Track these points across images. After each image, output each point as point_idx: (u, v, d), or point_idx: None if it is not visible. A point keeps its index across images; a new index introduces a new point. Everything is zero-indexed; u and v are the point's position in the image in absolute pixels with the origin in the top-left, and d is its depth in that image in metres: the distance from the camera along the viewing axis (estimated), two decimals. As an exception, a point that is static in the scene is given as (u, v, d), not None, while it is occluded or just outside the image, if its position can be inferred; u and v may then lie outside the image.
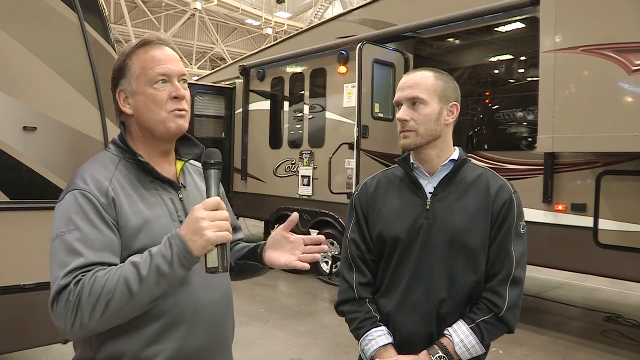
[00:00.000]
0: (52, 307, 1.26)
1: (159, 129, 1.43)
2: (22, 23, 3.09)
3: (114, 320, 1.26)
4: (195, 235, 1.24)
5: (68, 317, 1.23)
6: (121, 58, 1.46)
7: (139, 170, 1.44)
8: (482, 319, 1.67)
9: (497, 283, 1.69)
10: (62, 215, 1.33)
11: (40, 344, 3.34)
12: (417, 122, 1.71)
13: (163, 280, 1.24)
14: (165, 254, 1.24)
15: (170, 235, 1.28)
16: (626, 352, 4.97)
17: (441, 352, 1.65)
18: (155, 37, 1.46)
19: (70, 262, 1.26)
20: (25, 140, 3.04)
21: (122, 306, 1.23)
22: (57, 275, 1.26)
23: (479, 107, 7.86)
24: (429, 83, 1.73)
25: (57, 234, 1.31)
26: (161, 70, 1.41)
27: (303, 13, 31.13)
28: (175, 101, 1.42)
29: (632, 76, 4.14)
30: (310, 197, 7.73)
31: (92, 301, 1.22)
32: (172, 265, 1.24)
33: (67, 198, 1.35)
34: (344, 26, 7.59)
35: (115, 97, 1.48)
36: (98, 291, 1.22)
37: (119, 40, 24.44)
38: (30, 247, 3.07)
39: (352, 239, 1.86)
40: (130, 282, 1.22)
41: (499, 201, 1.71)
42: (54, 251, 1.31)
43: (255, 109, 9.06)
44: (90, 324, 1.23)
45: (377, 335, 1.74)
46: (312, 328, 5.54)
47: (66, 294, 1.23)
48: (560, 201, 5.09)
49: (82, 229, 1.30)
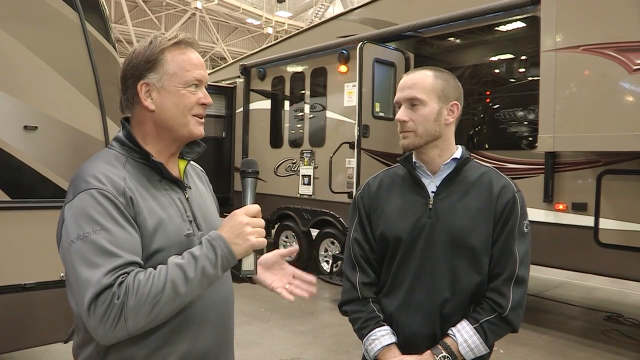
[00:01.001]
0: (89, 309, 1.19)
1: (181, 131, 1.43)
2: (23, 22, 3.09)
3: (154, 322, 1.25)
4: (238, 238, 1.31)
5: (110, 319, 1.19)
6: (150, 50, 1.40)
7: (146, 169, 1.41)
8: (486, 318, 1.67)
9: (500, 283, 1.68)
10: (81, 215, 1.26)
11: (41, 343, 3.35)
12: (415, 122, 1.71)
13: (205, 281, 1.28)
14: (210, 256, 1.28)
15: (211, 237, 1.31)
16: (627, 351, 4.97)
17: (445, 352, 1.65)
18: (190, 38, 1.44)
19: (104, 263, 1.22)
20: (26, 139, 3.04)
21: (167, 307, 1.24)
22: (91, 276, 1.20)
23: (480, 106, 7.85)
24: (427, 82, 1.71)
25: (78, 235, 1.24)
26: (197, 75, 1.42)
27: (303, 12, 31.11)
28: (202, 107, 1.44)
29: (632, 75, 4.14)
30: (310, 196, 7.73)
31: (140, 303, 1.20)
32: (216, 267, 1.28)
33: (83, 197, 1.28)
34: (344, 25, 7.59)
35: (134, 88, 1.41)
36: (145, 293, 1.21)
37: (119, 39, 24.43)
38: (31, 246, 3.08)
39: (354, 238, 1.86)
40: (177, 284, 1.24)
41: (502, 200, 1.70)
42: (77, 252, 1.24)
43: (255, 108, 9.05)
44: (132, 325, 1.21)
45: (380, 334, 1.73)
46: (312, 327, 5.55)
47: (109, 295, 1.19)
48: (560, 200, 5.09)
49: (110, 229, 1.25)
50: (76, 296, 1.25)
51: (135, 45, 1.45)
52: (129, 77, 1.42)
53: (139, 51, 1.41)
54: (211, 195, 1.67)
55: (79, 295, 1.23)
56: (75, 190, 1.31)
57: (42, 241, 3.11)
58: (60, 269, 3.29)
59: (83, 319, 1.24)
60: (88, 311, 1.20)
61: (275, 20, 29.05)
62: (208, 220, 1.51)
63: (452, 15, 5.98)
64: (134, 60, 1.41)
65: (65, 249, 1.28)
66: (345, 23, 7.62)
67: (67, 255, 1.27)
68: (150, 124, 1.43)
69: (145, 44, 1.41)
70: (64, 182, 3.16)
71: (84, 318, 1.22)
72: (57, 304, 3.15)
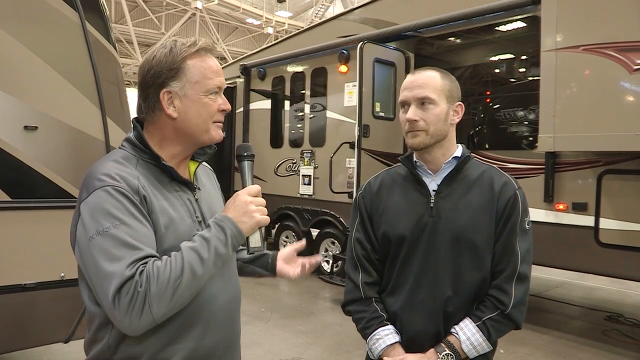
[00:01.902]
0: (114, 301, 1.21)
1: (203, 137, 1.46)
2: (23, 22, 3.09)
3: (177, 306, 1.29)
4: (244, 216, 1.38)
5: (136, 308, 1.22)
6: (172, 57, 1.40)
7: (157, 170, 1.43)
8: (489, 316, 1.67)
9: (502, 280, 1.69)
10: (98, 211, 1.28)
11: (41, 343, 3.35)
12: (427, 121, 1.71)
13: (219, 261, 1.34)
14: (220, 236, 1.34)
15: (218, 219, 1.37)
16: (627, 351, 4.97)
17: (448, 349, 1.66)
18: (209, 44, 1.46)
19: (126, 255, 1.24)
20: (26, 139, 3.04)
21: (187, 290, 1.28)
22: (114, 269, 1.22)
23: (480, 106, 7.86)
24: (437, 83, 1.73)
25: (97, 230, 1.26)
26: (218, 83, 1.45)
27: (304, 12, 31.11)
28: (222, 113, 1.47)
29: (633, 75, 4.14)
30: (311, 196, 7.73)
31: (161, 288, 1.24)
32: (227, 246, 1.35)
33: (99, 194, 1.29)
34: (344, 25, 7.59)
35: (156, 96, 1.42)
36: (166, 278, 1.24)
37: (119, 39, 24.43)
38: (31, 246, 3.08)
39: (356, 238, 1.86)
40: (194, 266, 1.28)
41: (503, 197, 1.71)
42: (97, 247, 1.25)
43: (256, 108, 9.05)
44: (157, 311, 1.24)
45: (384, 334, 1.74)
46: (312, 327, 5.54)
47: (132, 285, 1.22)
48: (561, 200, 5.09)
49: (129, 223, 1.28)
50: (98, 291, 1.27)
51: (153, 51, 1.44)
52: (150, 85, 1.42)
53: (159, 58, 1.41)
54: (220, 195, 1.70)
55: (101, 289, 1.24)
56: (90, 189, 1.32)
57: (42, 241, 3.12)
58: (60, 269, 3.30)
59: (108, 312, 1.26)
60: (113, 303, 1.22)
61: (275, 20, 29.03)
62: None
63: (452, 15, 5.98)
64: (155, 67, 1.41)
65: (83, 246, 1.29)
66: (346, 23, 7.62)
67: (85, 251, 1.28)
68: (171, 129, 1.44)
69: (165, 51, 1.41)
70: (65, 182, 3.16)
71: (109, 311, 1.25)
72: (57, 304, 3.16)
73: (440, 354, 1.66)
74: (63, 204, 3.14)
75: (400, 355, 1.71)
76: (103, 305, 1.26)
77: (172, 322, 1.35)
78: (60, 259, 3.11)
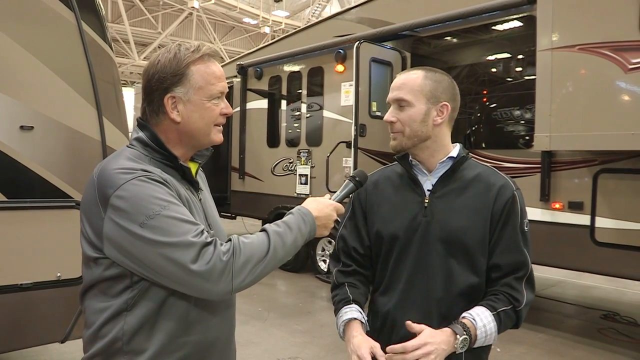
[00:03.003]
0: (192, 269, 1.25)
1: (204, 139, 1.51)
2: (19, 22, 3.08)
3: (252, 283, 1.38)
4: (323, 228, 1.55)
5: (216, 275, 1.28)
6: (176, 63, 1.43)
7: (169, 169, 1.46)
8: (503, 308, 1.64)
9: (514, 280, 1.67)
10: (140, 198, 1.29)
11: (37, 343, 3.34)
12: (402, 123, 1.71)
13: (293, 250, 1.46)
14: (302, 229, 1.47)
15: (304, 213, 1.51)
16: (623, 349, 4.99)
17: (466, 333, 1.58)
18: (212, 50, 1.52)
19: (190, 228, 1.29)
20: (22, 139, 3.03)
21: (266, 269, 1.39)
22: (181, 240, 1.26)
23: (477, 106, 7.86)
24: (415, 83, 1.71)
25: (147, 215, 1.27)
26: (221, 88, 1.49)
27: (300, 11, 31.08)
28: (223, 117, 1.51)
29: (628, 74, 4.15)
30: (307, 195, 7.73)
31: (246, 263, 1.33)
32: (303, 239, 1.48)
33: (135, 183, 1.31)
34: (341, 25, 7.59)
35: (160, 100, 1.45)
36: (252, 255, 1.34)
37: (116, 39, 24.38)
38: (28, 246, 3.07)
39: (341, 234, 1.90)
40: (277, 249, 1.40)
41: (501, 200, 1.68)
42: (153, 228, 1.27)
43: (252, 107, 9.04)
44: (237, 283, 1.32)
45: (344, 312, 1.74)
46: (309, 326, 5.55)
47: (212, 253, 1.28)
48: (557, 199, 5.10)
49: (176, 203, 1.34)
50: (165, 267, 1.27)
51: (158, 55, 1.48)
52: (154, 90, 1.45)
53: (163, 63, 1.44)
54: (211, 196, 1.74)
55: (172, 263, 1.26)
56: (118, 182, 1.31)
57: (38, 241, 3.11)
58: (56, 269, 3.30)
59: (184, 283, 1.29)
60: (191, 270, 1.26)
61: (272, 20, 29.01)
62: (214, 221, 1.59)
63: (448, 15, 5.99)
64: (160, 72, 1.44)
65: (129, 235, 1.28)
66: (342, 22, 7.62)
67: (136, 238, 1.28)
68: (174, 132, 1.48)
69: (169, 56, 1.45)
70: (61, 182, 3.15)
71: (186, 280, 1.28)
72: (53, 304, 3.15)
73: (459, 336, 1.56)
74: (59, 204, 3.14)
75: (357, 332, 1.66)
76: (176, 277, 1.28)
77: (183, 315, 1.41)
78: (56, 259, 3.11)
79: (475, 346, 1.61)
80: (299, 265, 8.01)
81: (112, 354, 1.38)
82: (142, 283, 1.36)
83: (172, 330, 1.40)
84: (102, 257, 1.36)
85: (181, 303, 1.41)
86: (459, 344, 1.55)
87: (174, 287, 1.33)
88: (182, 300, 1.41)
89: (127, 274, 1.36)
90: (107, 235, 1.32)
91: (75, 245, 1.46)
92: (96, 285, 1.40)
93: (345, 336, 1.71)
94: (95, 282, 1.40)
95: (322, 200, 1.58)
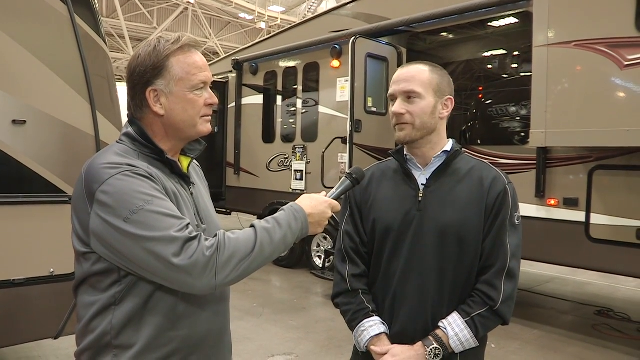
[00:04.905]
0: (174, 263, 1.24)
1: (190, 131, 1.49)
2: (11, 15, 3.05)
3: (237, 279, 1.35)
4: (317, 225, 1.52)
5: (199, 270, 1.26)
6: (155, 56, 1.42)
7: (158, 164, 1.45)
8: (477, 312, 1.67)
9: (492, 275, 1.68)
10: (124, 193, 1.28)
11: (31, 339, 3.33)
12: (413, 115, 1.71)
13: (283, 247, 1.43)
14: (293, 226, 1.44)
15: (296, 209, 1.48)
16: (616, 345, 5.01)
17: (436, 343, 1.65)
18: (192, 40, 1.48)
19: (174, 223, 1.27)
20: (15, 134, 3.01)
21: (252, 266, 1.35)
22: (164, 235, 1.25)
23: (472, 102, 7.87)
24: (424, 77, 1.72)
25: (131, 210, 1.27)
26: (203, 78, 1.47)
27: (296, 7, 31.02)
28: (209, 107, 1.49)
29: (624, 71, 4.15)
30: (303, 191, 7.72)
31: (230, 259, 1.30)
32: (294, 237, 1.45)
33: (119, 178, 1.30)
34: (337, 20, 7.56)
35: (142, 94, 1.44)
36: (236, 251, 1.32)
37: (111, 34, 24.26)
38: (20, 241, 3.05)
39: (345, 231, 1.87)
40: (264, 246, 1.37)
41: (493, 192, 1.70)
42: (136, 223, 1.26)
43: (247, 103, 9.02)
44: (221, 279, 1.29)
45: (369, 325, 1.74)
46: (304, 322, 5.55)
47: (195, 248, 1.26)
48: (552, 196, 5.11)
49: (161, 197, 1.32)
50: (147, 262, 1.26)
51: (139, 50, 1.46)
52: (136, 84, 1.45)
53: (143, 57, 1.43)
54: (208, 191, 1.73)
55: (155, 257, 1.25)
56: (103, 177, 1.31)
57: (31, 237, 3.09)
58: (49, 264, 3.28)
59: (167, 277, 1.27)
60: (173, 264, 1.24)
61: (268, 15, 28.93)
62: (207, 215, 1.57)
63: (444, 10, 5.97)
64: (140, 66, 1.43)
65: (113, 230, 1.28)
66: (338, 18, 7.60)
67: (120, 233, 1.27)
68: (159, 126, 1.47)
69: (149, 49, 1.43)
70: (54, 177, 3.13)
71: (169, 274, 1.26)
72: (46, 300, 3.13)
73: (428, 347, 1.65)
74: (52, 199, 3.11)
75: (387, 346, 1.71)
76: (159, 272, 1.27)
77: (170, 310, 1.40)
78: (49, 254, 3.09)
79: (457, 352, 1.67)
80: (294, 261, 8.01)
81: (101, 348, 1.38)
82: (129, 278, 1.36)
83: (159, 324, 1.39)
84: (89, 252, 1.36)
85: (168, 298, 1.40)
86: (429, 355, 1.65)
87: (159, 282, 1.32)
88: (169, 295, 1.40)
89: (114, 269, 1.35)
90: (93, 230, 1.32)
91: (68, 240, 1.45)
92: (86, 280, 1.41)
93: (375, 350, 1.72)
94: (85, 277, 1.40)
95: (316, 197, 1.55)
